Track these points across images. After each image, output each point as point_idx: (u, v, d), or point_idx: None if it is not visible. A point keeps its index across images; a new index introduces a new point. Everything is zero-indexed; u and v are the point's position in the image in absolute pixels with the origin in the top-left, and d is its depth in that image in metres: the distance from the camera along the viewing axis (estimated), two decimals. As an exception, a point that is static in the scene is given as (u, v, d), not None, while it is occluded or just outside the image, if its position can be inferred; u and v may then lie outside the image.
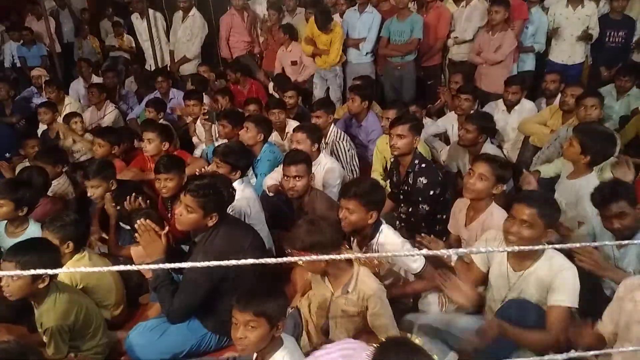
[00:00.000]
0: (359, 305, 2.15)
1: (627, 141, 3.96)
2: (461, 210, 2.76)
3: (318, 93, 5.44)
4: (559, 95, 4.10)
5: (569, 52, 5.03)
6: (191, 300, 2.34)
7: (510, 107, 4.28)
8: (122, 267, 1.17)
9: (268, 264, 1.89)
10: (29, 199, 2.87)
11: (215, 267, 2.17)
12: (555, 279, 2.04)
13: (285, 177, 2.96)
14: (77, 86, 5.89)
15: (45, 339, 2.24)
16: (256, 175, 3.73)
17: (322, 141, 3.87)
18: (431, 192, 3.04)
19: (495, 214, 2.54)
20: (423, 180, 3.06)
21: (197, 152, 4.28)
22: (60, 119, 4.64)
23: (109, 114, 5.09)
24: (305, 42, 5.34)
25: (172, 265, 1.20)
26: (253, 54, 6.20)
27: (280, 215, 3.30)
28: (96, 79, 5.85)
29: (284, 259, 1.22)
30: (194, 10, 5.89)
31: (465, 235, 2.69)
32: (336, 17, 5.54)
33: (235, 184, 2.98)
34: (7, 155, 4.27)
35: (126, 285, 2.89)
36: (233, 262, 1.07)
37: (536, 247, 1.39)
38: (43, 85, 5.56)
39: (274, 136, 4.22)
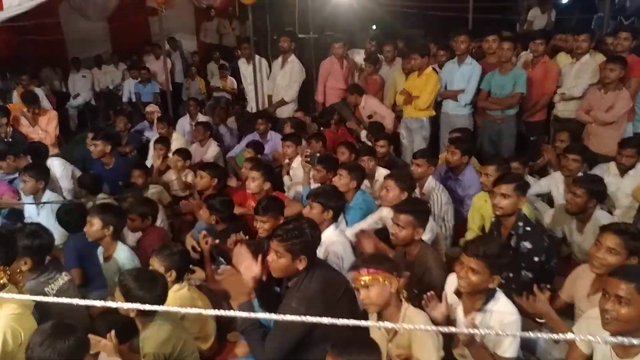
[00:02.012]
0: (407, 347, 2.06)
1: None
2: (583, 278, 2.54)
3: (407, 143, 5.41)
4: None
5: None
6: (283, 347, 2.32)
7: (623, 171, 3.97)
8: (216, 312, 1.23)
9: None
10: (114, 220, 3.06)
11: (309, 315, 2.23)
12: None
13: (392, 221, 2.92)
14: (184, 123, 6.35)
15: (144, 362, 2.35)
16: (347, 222, 3.73)
17: (418, 191, 3.82)
18: (536, 259, 2.85)
19: None
20: (527, 244, 2.88)
21: (291, 194, 4.39)
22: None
23: (211, 151, 5.42)
24: (399, 94, 5.40)
25: (270, 316, 1.21)
26: (347, 101, 6.36)
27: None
28: (201, 117, 6.28)
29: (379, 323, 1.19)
30: (292, 57, 6.16)
31: (585, 307, 2.44)
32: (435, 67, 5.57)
33: (330, 229, 3.02)
34: (120, 183, 4.65)
35: (216, 320, 2.97)
36: (324, 319, 1.08)
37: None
38: (155, 120, 6.08)
39: (364, 183, 4.23)
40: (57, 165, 4.65)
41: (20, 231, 2.59)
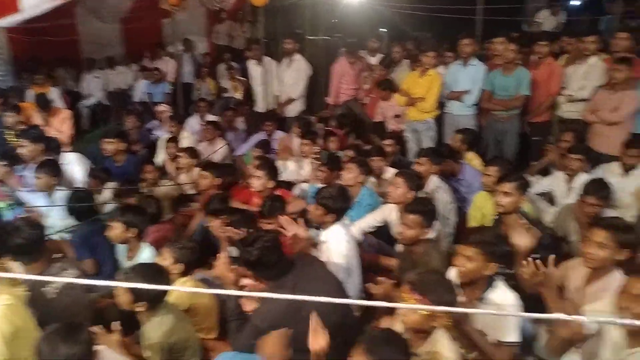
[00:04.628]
0: None
1: None
2: (577, 270, 2.61)
3: (413, 145, 5.43)
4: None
5: None
6: (248, 344, 2.31)
7: (627, 170, 3.98)
8: (208, 290, 1.31)
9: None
10: (136, 222, 3.08)
11: (279, 319, 2.22)
12: None
13: (400, 221, 2.98)
14: (193, 122, 6.45)
15: (146, 353, 2.42)
16: (351, 218, 3.77)
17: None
18: (537, 255, 2.88)
19: (620, 281, 2.35)
20: (528, 241, 2.92)
21: (297, 191, 4.46)
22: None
23: (219, 150, 5.52)
24: (399, 94, 5.44)
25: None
26: (358, 99, 6.43)
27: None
28: (211, 117, 6.39)
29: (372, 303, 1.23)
30: (298, 56, 6.29)
31: (577, 299, 2.52)
32: (441, 69, 5.61)
33: (335, 227, 3.06)
34: (129, 179, 4.75)
35: (222, 312, 3.04)
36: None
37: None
38: (165, 119, 6.19)
39: (371, 182, 4.29)
40: (73, 160, 4.77)
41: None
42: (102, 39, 9.12)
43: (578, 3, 10.76)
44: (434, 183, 3.99)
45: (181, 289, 2.80)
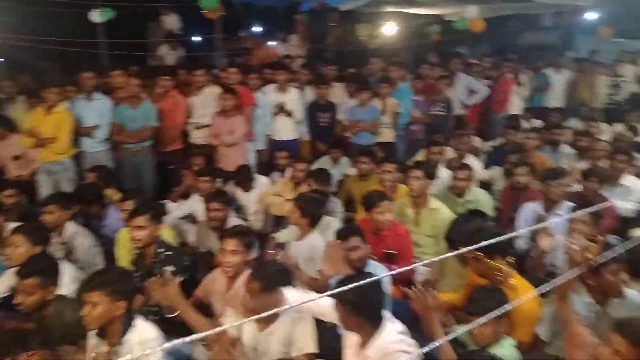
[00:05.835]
0: None
1: (344, 201, 4.74)
2: (219, 280, 2.88)
3: (45, 192, 4.82)
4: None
5: (279, 130, 5.69)
6: None
7: (247, 189, 4.67)
8: None
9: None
10: None
11: None
12: (295, 333, 2.36)
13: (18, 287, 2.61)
14: None
15: None
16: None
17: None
18: (180, 279, 3.01)
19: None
20: (170, 268, 3.02)
21: None
22: None
23: None
24: (25, 135, 4.83)
25: None
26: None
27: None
28: None
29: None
30: None
31: (221, 305, 2.80)
32: (65, 104, 5.19)
33: None
34: None
35: None
36: None
37: (276, 310, 1.57)
38: None
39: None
40: None
41: None
42: None
43: (198, 39, 11.96)
44: (70, 229, 3.66)
45: None
